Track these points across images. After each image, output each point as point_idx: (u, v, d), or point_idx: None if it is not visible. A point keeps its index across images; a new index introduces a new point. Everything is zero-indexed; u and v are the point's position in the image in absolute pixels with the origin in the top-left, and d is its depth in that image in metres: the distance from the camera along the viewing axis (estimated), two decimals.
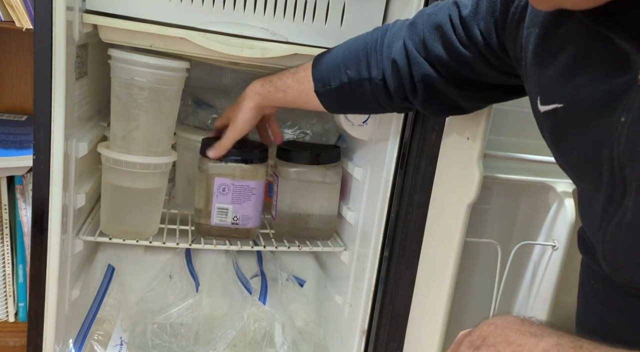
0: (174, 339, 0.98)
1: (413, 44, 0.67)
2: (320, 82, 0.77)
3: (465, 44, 0.61)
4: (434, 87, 0.66)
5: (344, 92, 0.74)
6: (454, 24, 0.62)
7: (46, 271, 0.77)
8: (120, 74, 0.82)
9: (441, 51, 0.64)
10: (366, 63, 0.71)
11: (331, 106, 0.79)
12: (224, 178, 0.90)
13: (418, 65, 0.66)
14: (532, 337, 0.37)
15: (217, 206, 0.91)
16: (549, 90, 0.47)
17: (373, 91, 0.72)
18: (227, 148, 0.88)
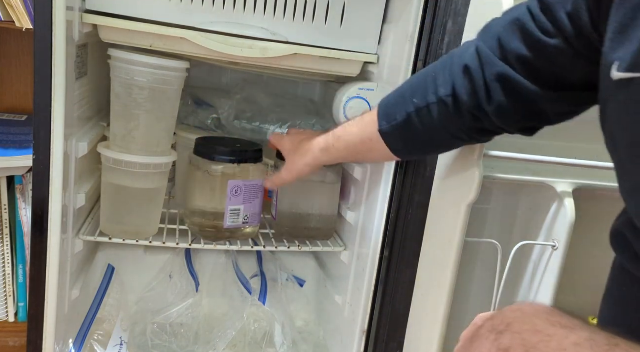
0: (174, 339, 0.98)
1: (487, 46, 0.59)
2: (386, 119, 0.69)
3: (548, 32, 0.53)
4: (512, 87, 0.57)
5: (411, 125, 0.67)
6: (534, 13, 0.54)
7: (46, 271, 0.77)
8: (121, 74, 0.82)
9: (519, 45, 0.55)
10: (434, 85, 0.64)
11: (397, 146, 0.71)
12: (237, 180, 0.90)
13: (492, 65, 0.58)
14: (562, 328, 0.35)
15: (230, 208, 0.91)
16: (629, 57, 0.40)
17: (442, 113, 0.63)
18: (280, 185, 0.90)
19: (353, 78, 0.93)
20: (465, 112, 0.62)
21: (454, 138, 0.67)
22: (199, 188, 0.92)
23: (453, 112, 0.63)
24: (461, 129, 0.64)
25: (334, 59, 0.88)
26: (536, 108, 0.58)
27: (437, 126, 0.65)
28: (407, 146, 0.71)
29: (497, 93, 0.58)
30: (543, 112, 0.59)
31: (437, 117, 0.64)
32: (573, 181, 0.85)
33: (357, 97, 0.90)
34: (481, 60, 0.59)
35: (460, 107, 0.62)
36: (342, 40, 0.88)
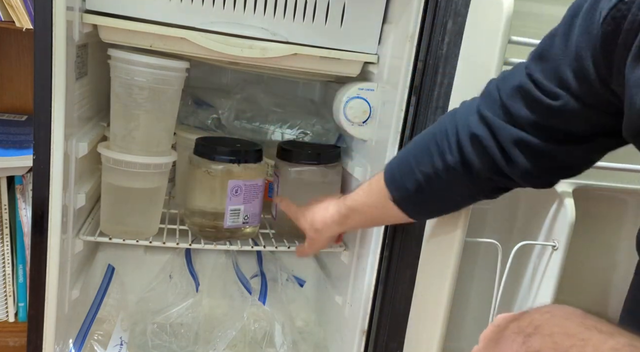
0: (174, 339, 0.98)
1: (492, 113, 0.58)
2: (396, 189, 0.70)
3: (555, 96, 0.53)
4: (533, 149, 0.56)
5: (424, 193, 0.67)
6: (536, 80, 0.54)
7: (46, 271, 0.77)
8: (120, 74, 0.82)
9: (528, 114, 0.55)
10: (438, 153, 0.63)
11: (416, 213, 0.72)
12: (237, 180, 0.90)
13: (505, 131, 0.57)
14: (599, 333, 0.33)
15: (230, 208, 0.91)
16: None
17: (453, 180, 0.63)
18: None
19: (353, 78, 0.93)
20: (481, 178, 0.62)
21: (469, 198, 0.68)
22: (199, 188, 0.92)
23: (466, 179, 0.63)
24: (476, 191, 0.65)
25: (334, 59, 0.88)
26: (563, 163, 0.58)
27: (449, 192, 0.66)
28: (424, 210, 0.72)
29: (519, 157, 0.57)
30: (563, 166, 0.59)
31: (448, 183, 0.64)
32: (573, 181, 0.85)
33: (357, 97, 0.90)
34: (490, 127, 0.58)
35: (473, 173, 0.62)
36: (342, 40, 0.88)
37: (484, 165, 0.60)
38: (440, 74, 0.77)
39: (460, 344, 0.90)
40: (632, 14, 0.44)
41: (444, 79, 0.77)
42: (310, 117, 1.11)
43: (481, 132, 0.59)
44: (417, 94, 0.79)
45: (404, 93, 0.80)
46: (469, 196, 0.67)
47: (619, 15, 0.45)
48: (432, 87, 0.78)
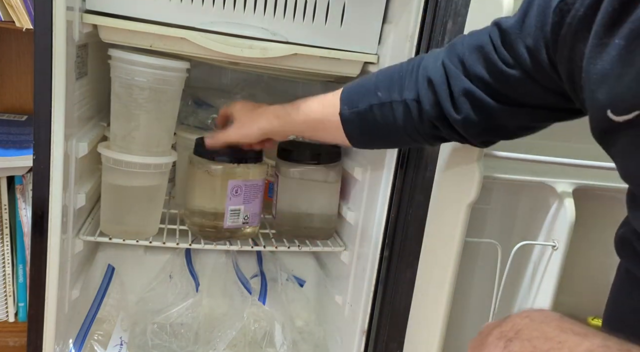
0: (174, 339, 0.98)
1: (452, 63, 0.62)
2: (347, 104, 0.71)
3: (509, 64, 0.56)
4: (479, 103, 0.60)
5: (372, 116, 0.69)
6: (495, 45, 0.58)
7: (46, 271, 0.77)
8: (121, 74, 0.82)
9: (482, 72, 0.59)
10: (399, 85, 0.67)
11: (353, 133, 0.72)
12: (236, 180, 0.90)
13: (458, 80, 0.61)
14: (574, 335, 0.34)
15: (230, 208, 0.91)
16: (626, 99, 0.42)
17: (404, 114, 0.66)
18: (222, 144, 0.85)
19: (353, 78, 0.93)
20: (426, 120, 0.65)
21: (409, 138, 0.69)
22: (198, 188, 0.92)
23: (414, 116, 0.66)
24: (418, 132, 0.67)
25: (334, 59, 0.88)
26: (497, 122, 0.61)
27: (395, 124, 0.68)
28: (363, 136, 0.73)
29: (465, 106, 0.61)
30: (503, 126, 0.62)
31: (398, 116, 0.67)
32: (573, 181, 0.85)
33: None
34: (447, 74, 0.62)
35: (422, 114, 0.65)
36: (342, 40, 0.88)
37: (432, 108, 0.63)
38: None
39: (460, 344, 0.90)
40: (575, 9, 0.47)
41: None
42: None
43: (437, 77, 0.62)
44: None
45: None
46: (411, 136, 0.69)
47: (565, 8, 0.48)
48: None
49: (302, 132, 0.80)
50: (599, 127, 0.46)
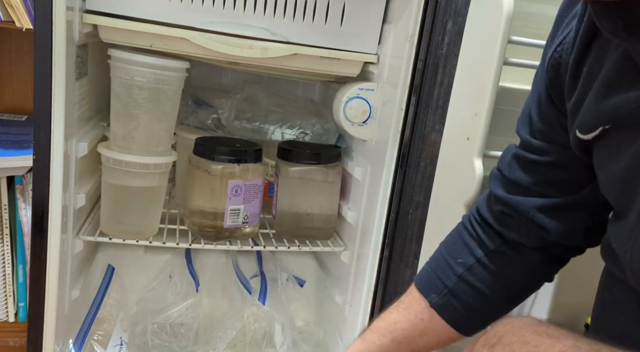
0: (174, 339, 0.98)
1: (500, 189, 0.58)
2: (433, 291, 0.61)
3: (541, 150, 0.55)
4: (554, 207, 0.55)
5: (467, 286, 0.60)
6: (524, 141, 0.56)
7: (46, 271, 0.77)
8: (120, 74, 0.82)
9: (526, 177, 0.56)
10: (472, 241, 0.60)
11: (456, 318, 0.60)
12: (237, 180, 0.90)
13: (522, 203, 0.56)
14: (548, 338, 0.37)
15: (230, 208, 0.91)
16: (590, 118, 0.46)
17: (500, 263, 0.59)
18: None
19: (353, 78, 0.93)
20: (528, 251, 0.59)
21: (523, 282, 0.61)
22: (198, 188, 0.92)
23: (514, 256, 0.59)
24: (530, 269, 0.60)
25: (334, 59, 0.88)
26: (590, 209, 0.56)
27: (497, 278, 0.60)
28: (469, 314, 0.61)
29: (546, 222, 0.56)
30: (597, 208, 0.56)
31: (495, 267, 0.59)
32: None
33: (357, 97, 0.90)
34: (508, 204, 0.57)
35: (520, 248, 0.59)
36: (342, 40, 0.88)
37: (530, 237, 0.58)
38: (440, 73, 0.77)
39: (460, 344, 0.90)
40: (564, 59, 0.50)
41: (444, 79, 0.77)
42: (310, 117, 1.11)
43: (504, 210, 0.58)
44: (417, 94, 0.79)
45: (404, 93, 0.80)
46: (522, 278, 0.60)
47: (555, 63, 0.51)
48: (432, 87, 0.78)
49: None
50: (576, 149, 0.50)
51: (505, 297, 0.61)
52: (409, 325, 0.62)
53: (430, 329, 0.61)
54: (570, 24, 0.50)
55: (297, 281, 1.12)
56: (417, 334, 0.61)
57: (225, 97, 1.09)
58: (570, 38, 0.49)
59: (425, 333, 0.61)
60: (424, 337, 0.62)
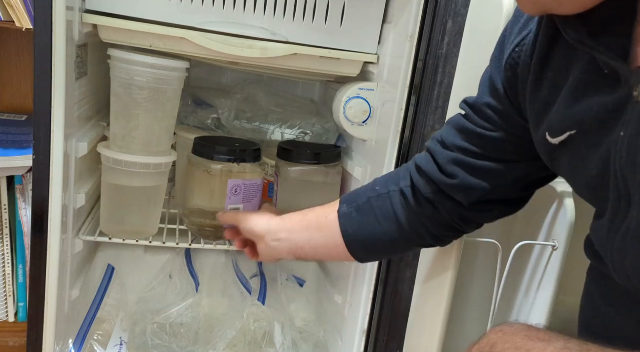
0: (174, 339, 0.98)
1: (433, 146, 0.64)
2: (346, 202, 0.70)
3: (486, 127, 0.59)
4: (468, 165, 0.61)
5: (370, 209, 0.68)
6: (469, 116, 0.61)
7: (46, 271, 0.77)
8: (120, 74, 0.82)
9: (462, 143, 0.61)
10: (395, 178, 0.68)
11: (348, 229, 0.69)
12: (236, 179, 0.90)
13: (442, 155, 0.62)
14: (540, 342, 0.38)
15: (230, 208, 0.91)
16: (557, 123, 0.48)
17: (401, 202, 0.66)
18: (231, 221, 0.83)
19: (353, 78, 0.93)
20: (424, 202, 0.65)
21: (411, 230, 0.67)
22: (198, 187, 0.92)
23: (412, 202, 0.66)
24: (419, 220, 0.66)
25: (334, 59, 0.88)
26: (495, 182, 0.61)
27: (395, 214, 0.66)
28: (360, 232, 0.69)
29: (458, 172, 0.61)
30: (503, 186, 0.61)
31: (396, 204, 0.66)
32: None
33: (357, 97, 0.90)
34: (432, 155, 0.64)
35: (419, 197, 0.65)
36: (342, 40, 0.88)
37: (427, 186, 0.64)
38: (440, 73, 0.77)
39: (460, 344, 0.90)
40: (522, 61, 0.52)
41: (444, 79, 0.77)
42: (310, 117, 1.11)
43: (424, 160, 0.64)
44: (417, 94, 0.79)
45: (404, 93, 0.80)
46: (411, 225, 0.66)
47: (513, 63, 0.53)
48: (432, 87, 0.78)
49: (294, 237, 0.74)
50: (542, 151, 0.52)
51: (392, 237, 0.67)
52: (316, 216, 0.72)
53: (327, 228, 0.70)
54: (529, 25, 0.52)
55: (297, 281, 1.12)
56: (316, 227, 0.71)
57: (225, 97, 1.09)
58: (530, 40, 0.51)
59: (321, 229, 0.70)
60: (319, 232, 0.71)
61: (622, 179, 0.41)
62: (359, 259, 0.72)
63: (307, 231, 0.73)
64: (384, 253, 0.74)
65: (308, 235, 0.72)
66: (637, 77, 0.39)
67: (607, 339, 0.37)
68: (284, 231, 0.74)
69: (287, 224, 0.75)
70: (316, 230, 0.71)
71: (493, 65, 0.58)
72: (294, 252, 0.74)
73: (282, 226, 0.75)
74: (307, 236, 0.72)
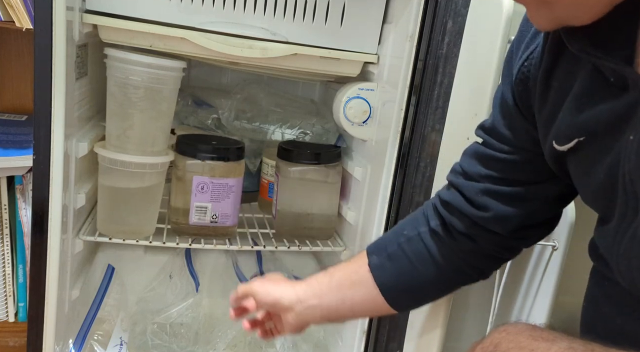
0: (174, 339, 0.98)
1: (456, 179, 0.62)
2: (376, 253, 0.66)
3: (505, 151, 0.58)
4: (499, 194, 0.59)
5: (403, 255, 0.64)
6: (484, 140, 0.60)
7: (46, 271, 0.77)
8: (116, 73, 0.82)
9: (484, 170, 0.59)
10: (424, 219, 0.65)
11: (385, 280, 0.64)
12: (202, 176, 0.90)
13: (468, 187, 0.60)
14: (544, 341, 0.38)
15: (195, 205, 0.91)
16: (563, 130, 0.48)
17: (434, 240, 0.63)
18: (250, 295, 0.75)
19: (353, 78, 0.93)
20: (459, 237, 0.62)
21: (449, 268, 0.63)
22: (174, 186, 0.93)
23: (445, 238, 0.63)
24: (456, 255, 0.63)
25: (334, 59, 0.88)
26: (529, 206, 0.59)
27: (430, 254, 0.63)
28: (397, 281, 0.65)
29: (490, 203, 0.59)
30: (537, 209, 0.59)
31: (429, 244, 0.63)
32: None
33: (357, 97, 0.90)
34: (457, 189, 0.62)
35: (453, 233, 0.62)
36: (342, 40, 0.88)
37: (461, 221, 0.61)
38: (440, 73, 0.77)
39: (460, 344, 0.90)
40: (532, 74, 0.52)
41: (444, 79, 0.77)
42: (310, 117, 1.11)
43: (450, 196, 0.62)
44: (417, 94, 0.79)
45: (404, 93, 0.80)
46: (449, 262, 0.63)
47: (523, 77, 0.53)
48: (432, 87, 0.78)
49: (326, 300, 0.67)
50: (550, 158, 0.52)
51: (432, 278, 0.64)
52: (346, 273, 0.67)
53: (359, 283, 0.65)
54: (536, 39, 0.52)
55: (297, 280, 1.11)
56: (348, 284, 0.66)
57: (225, 97, 1.09)
58: (538, 53, 0.51)
59: (354, 285, 0.66)
60: (352, 289, 0.66)
61: (630, 183, 0.41)
62: (401, 310, 0.68)
63: (339, 291, 0.67)
64: (426, 297, 0.69)
65: (341, 295, 0.66)
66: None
67: (609, 340, 0.37)
68: (314, 296, 0.68)
69: (315, 288, 0.68)
70: (348, 288, 0.66)
71: (504, 83, 0.57)
72: (328, 316, 0.68)
73: (310, 291, 0.68)
74: (341, 296, 0.67)
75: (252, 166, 1.10)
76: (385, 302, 0.65)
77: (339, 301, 0.66)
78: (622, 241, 0.43)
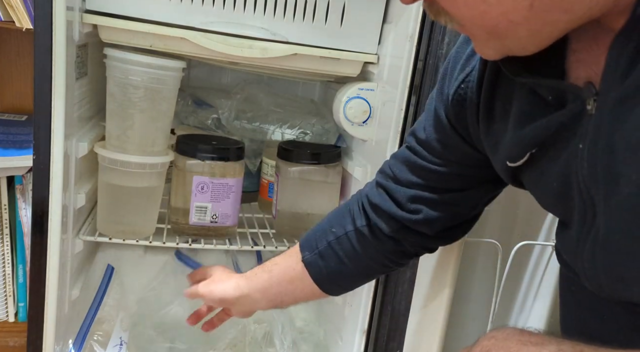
0: (174, 339, 0.98)
1: (385, 181, 0.66)
2: (308, 249, 0.71)
3: (435, 162, 0.61)
4: (427, 200, 0.63)
5: (333, 253, 0.69)
6: (415, 149, 0.62)
7: (46, 271, 0.77)
8: (115, 73, 0.82)
9: (414, 178, 0.63)
10: (350, 217, 0.69)
11: (320, 276, 0.70)
12: (202, 176, 0.90)
13: (398, 192, 0.64)
14: (533, 346, 0.39)
15: (195, 205, 0.91)
16: (514, 147, 0.49)
17: (360, 241, 0.68)
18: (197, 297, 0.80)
19: (353, 78, 0.93)
20: (385, 239, 0.66)
21: (375, 264, 0.69)
22: (174, 185, 0.93)
23: (371, 240, 0.67)
24: (382, 253, 0.67)
25: (334, 59, 0.88)
26: (456, 210, 0.63)
27: (356, 252, 0.68)
28: (330, 276, 0.70)
29: (420, 207, 0.63)
30: (462, 213, 0.64)
31: (356, 244, 0.68)
32: None
33: (357, 97, 0.90)
34: (387, 191, 0.65)
35: (378, 235, 0.66)
36: (342, 40, 0.88)
37: (388, 224, 0.65)
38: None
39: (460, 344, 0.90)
40: (469, 97, 0.53)
41: None
42: (310, 117, 1.11)
43: (379, 198, 0.65)
44: (417, 94, 0.79)
45: (404, 93, 0.80)
46: (374, 259, 0.68)
47: (460, 98, 0.55)
48: (432, 87, 0.78)
49: (268, 294, 0.73)
50: (503, 173, 0.54)
51: (360, 271, 0.70)
52: (283, 269, 0.72)
53: (298, 279, 0.71)
54: (471, 62, 0.53)
55: None
56: (287, 280, 0.72)
57: (225, 97, 1.09)
58: (474, 76, 0.53)
59: (293, 281, 0.71)
60: (292, 284, 0.72)
61: (586, 190, 0.42)
62: (337, 295, 0.75)
63: (280, 286, 0.73)
64: (356, 285, 0.76)
65: (283, 289, 0.73)
66: (588, 91, 0.40)
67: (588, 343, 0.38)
68: (256, 291, 0.74)
69: (257, 283, 0.74)
70: (289, 283, 0.72)
71: (437, 99, 0.59)
72: (272, 305, 0.76)
73: (253, 286, 0.74)
74: (282, 290, 0.73)
75: (252, 166, 1.10)
76: (323, 293, 0.72)
77: (282, 293, 0.73)
78: (584, 247, 0.44)
